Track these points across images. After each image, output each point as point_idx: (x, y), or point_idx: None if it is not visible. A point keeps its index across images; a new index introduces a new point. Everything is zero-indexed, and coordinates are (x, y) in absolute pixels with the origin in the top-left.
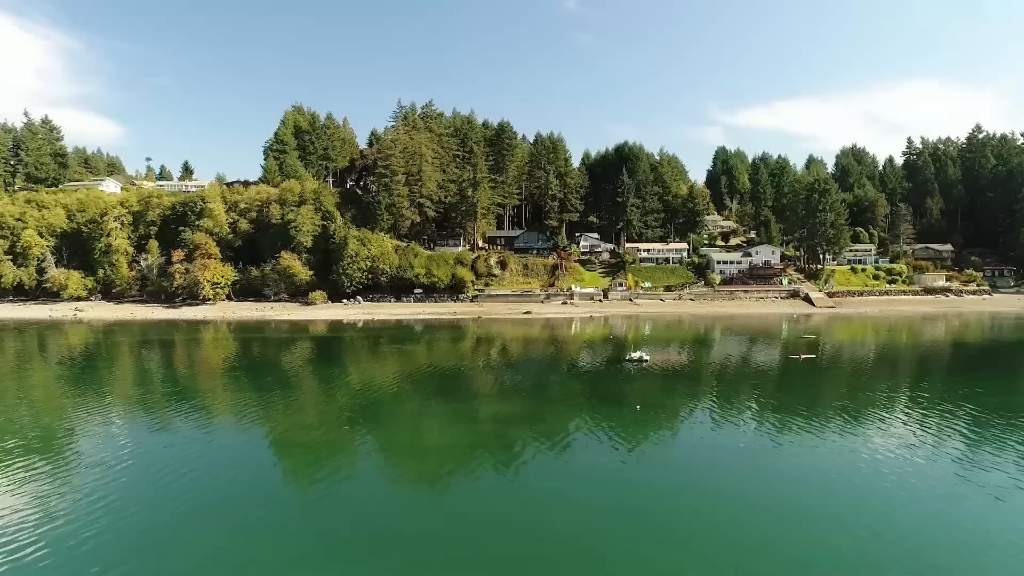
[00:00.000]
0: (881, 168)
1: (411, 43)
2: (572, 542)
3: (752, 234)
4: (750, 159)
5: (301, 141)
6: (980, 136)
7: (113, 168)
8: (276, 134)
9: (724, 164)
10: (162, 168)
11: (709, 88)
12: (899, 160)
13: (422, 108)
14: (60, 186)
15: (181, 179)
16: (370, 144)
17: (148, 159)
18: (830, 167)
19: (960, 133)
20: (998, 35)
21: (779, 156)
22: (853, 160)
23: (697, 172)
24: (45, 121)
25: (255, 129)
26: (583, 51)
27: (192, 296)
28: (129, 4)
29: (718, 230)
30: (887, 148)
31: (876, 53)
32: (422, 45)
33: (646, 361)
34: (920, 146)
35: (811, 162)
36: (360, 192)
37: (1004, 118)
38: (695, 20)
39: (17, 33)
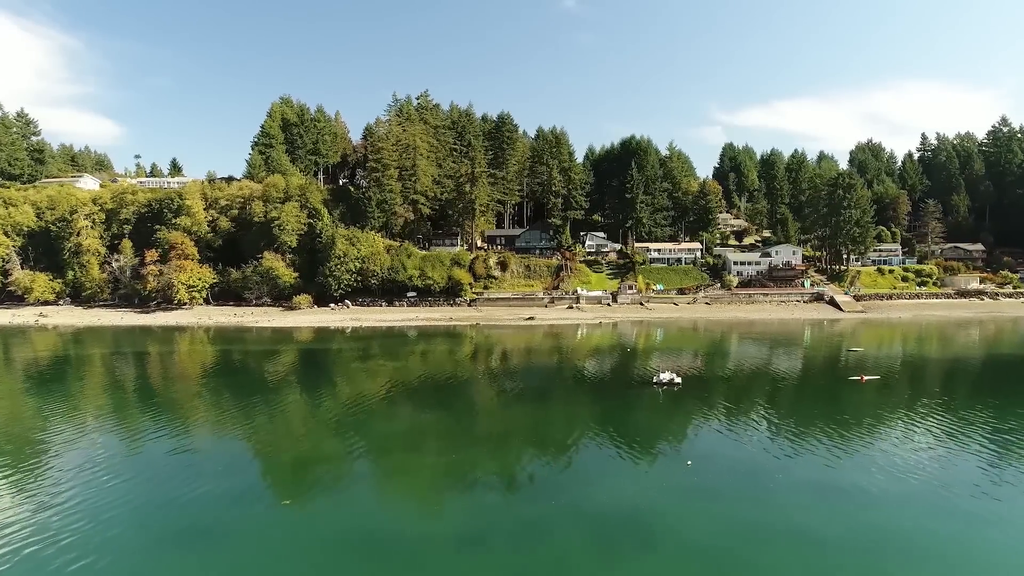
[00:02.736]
0: (900, 164)
1: (408, 41)
2: None
3: (766, 233)
4: (758, 156)
5: (289, 135)
6: (1005, 130)
7: (101, 165)
8: (262, 127)
9: (732, 161)
10: (153, 166)
11: (709, 88)
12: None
13: (417, 99)
14: (36, 183)
15: (170, 175)
16: (365, 139)
17: (137, 157)
18: (841, 165)
19: (962, 132)
20: (999, 35)
21: (796, 150)
22: (870, 155)
23: (699, 171)
24: (20, 115)
25: (253, 127)
26: (582, 50)
27: (167, 300)
28: (129, 4)
29: (729, 229)
30: (889, 147)
31: (876, 53)
32: (420, 44)
33: (678, 384)
34: (935, 142)
35: (822, 159)
36: (352, 189)
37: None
38: (695, 19)
39: (17, 33)
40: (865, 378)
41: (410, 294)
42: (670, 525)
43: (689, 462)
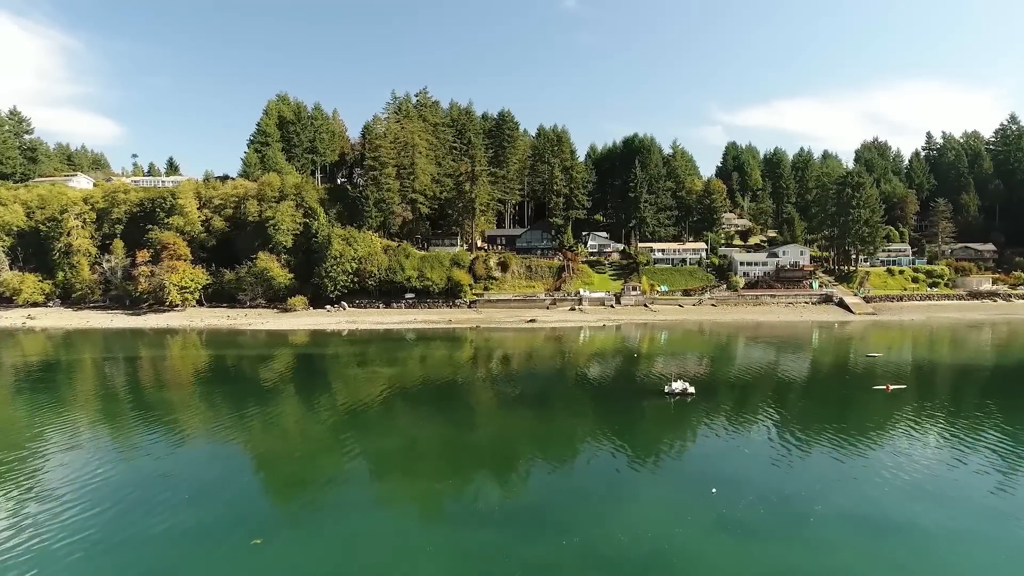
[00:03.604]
0: (907, 163)
1: (408, 41)
2: None
3: (771, 233)
4: (762, 155)
5: (285, 133)
6: (1014, 128)
7: (98, 165)
8: (258, 125)
9: (735, 160)
10: (150, 165)
11: (709, 87)
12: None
13: (416, 96)
14: (28, 182)
15: (167, 174)
16: (363, 137)
17: (134, 156)
18: (843, 164)
19: (968, 131)
20: (999, 35)
21: (802, 149)
22: (876, 154)
23: (701, 171)
24: (13, 113)
25: (251, 126)
26: (582, 50)
27: (159, 301)
28: (129, 4)
29: (734, 228)
30: (895, 146)
31: (876, 53)
32: (419, 43)
33: (691, 395)
34: (941, 141)
35: (826, 157)
36: (349, 188)
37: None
38: (695, 19)
39: (17, 33)
40: (891, 387)
41: (408, 295)
42: (699, 572)
43: (714, 489)
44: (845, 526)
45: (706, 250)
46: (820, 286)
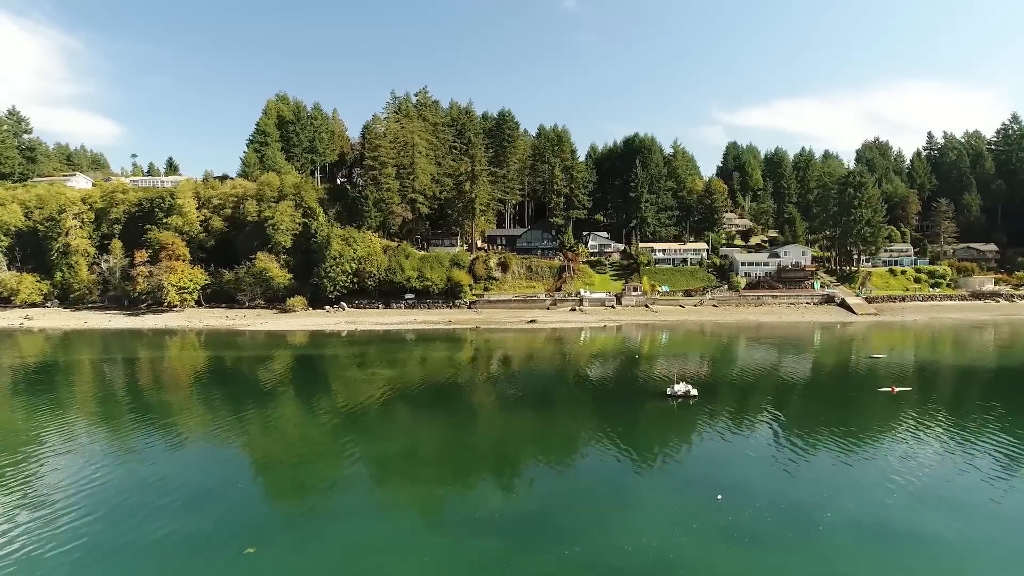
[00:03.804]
0: (909, 162)
1: (408, 41)
2: None
3: (772, 233)
4: (763, 155)
5: (285, 132)
6: (1016, 128)
7: (97, 165)
8: (258, 125)
9: (736, 160)
10: (150, 165)
11: (709, 87)
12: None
13: (416, 96)
14: (26, 182)
15: (167, 174)
16: (363, 137)
17: (134, 156)
18: (844, 164)
19: (970, 130)
20: (999, 35)
21: (803, 148)
22: (877, 154)
23: (702, 171)
24: (12, 112)
25: (251, 126)
26: (582, 50)
27: (157, 302)
28: (129, 4)
29: (735, 229)
30: (896, 146)
31: (876, 53)
32: (419, 43)
33: (694, 397)
34: (942, 140)
35: (827, 157)
36: (348, 188)
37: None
38: (695, 19)
39: (17, 33)
40: (896, 389)
41: (408, 296)
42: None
43: (720, 496)
44: (856, 533)
45: (707, 250)
46: (822, 286)
